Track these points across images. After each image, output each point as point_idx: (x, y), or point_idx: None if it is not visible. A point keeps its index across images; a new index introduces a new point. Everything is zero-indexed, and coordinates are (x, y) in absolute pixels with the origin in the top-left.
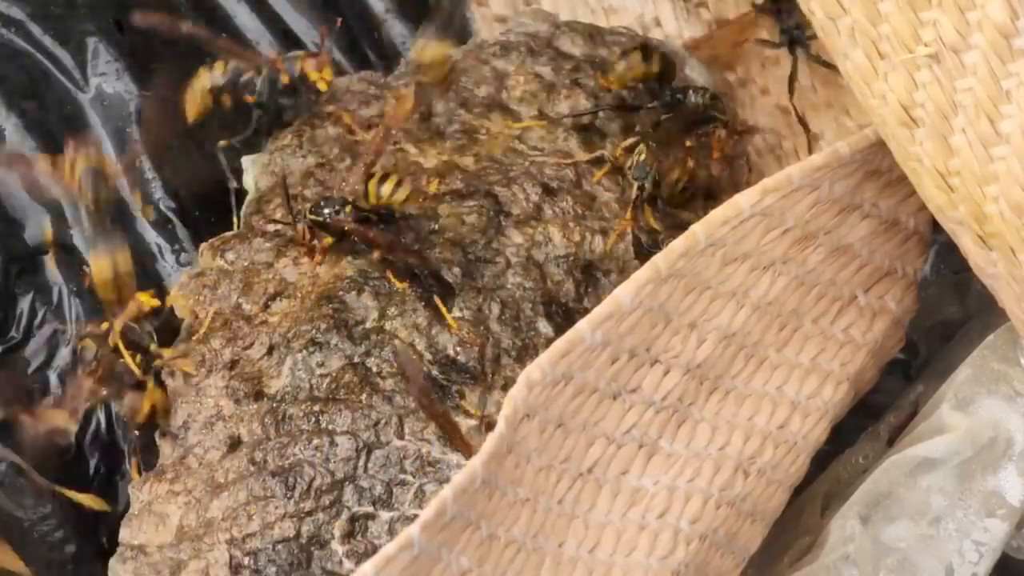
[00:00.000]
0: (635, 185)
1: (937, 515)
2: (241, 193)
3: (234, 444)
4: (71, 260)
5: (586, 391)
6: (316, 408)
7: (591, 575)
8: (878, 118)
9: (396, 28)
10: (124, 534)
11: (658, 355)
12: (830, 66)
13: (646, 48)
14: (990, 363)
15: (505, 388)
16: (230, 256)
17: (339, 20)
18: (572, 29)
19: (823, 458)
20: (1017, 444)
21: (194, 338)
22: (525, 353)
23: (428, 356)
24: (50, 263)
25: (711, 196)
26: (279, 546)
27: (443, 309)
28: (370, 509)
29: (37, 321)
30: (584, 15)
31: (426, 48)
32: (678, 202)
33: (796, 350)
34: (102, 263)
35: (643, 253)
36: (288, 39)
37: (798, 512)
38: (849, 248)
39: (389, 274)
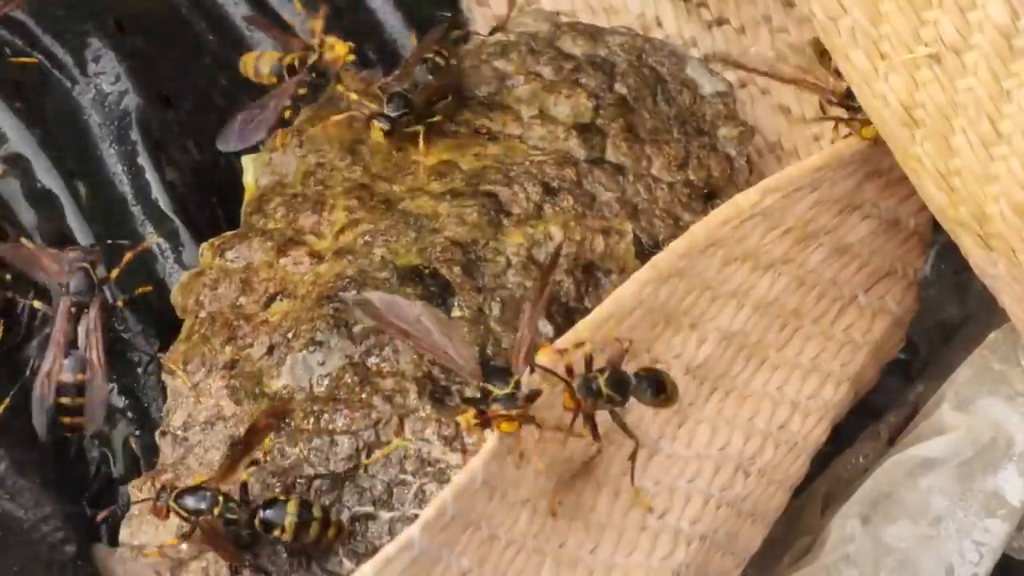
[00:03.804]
0: None
1: (937, 515)
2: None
3: (234, 444)
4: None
5: None
6: (316, 408)
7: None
8: (878, 118)
9: (396, 28)
10: (124, 534)
11: (658, 355)
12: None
13: None
14: (990, 363)
15: None
16: (230, 255)
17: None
18: (573, 29)
19: (823, 458)
20: (1017, 444)
21: (193, 338)
22: None
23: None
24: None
25: (711, 196)
26: (279, 546)
27: None
28: (370, 509)
29: (37, 321)
30: (585, 15)
31: None
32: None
33: (796, 350)
34: None
35: (643, 253)
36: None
37: (798, 512)
38: (849, 248)
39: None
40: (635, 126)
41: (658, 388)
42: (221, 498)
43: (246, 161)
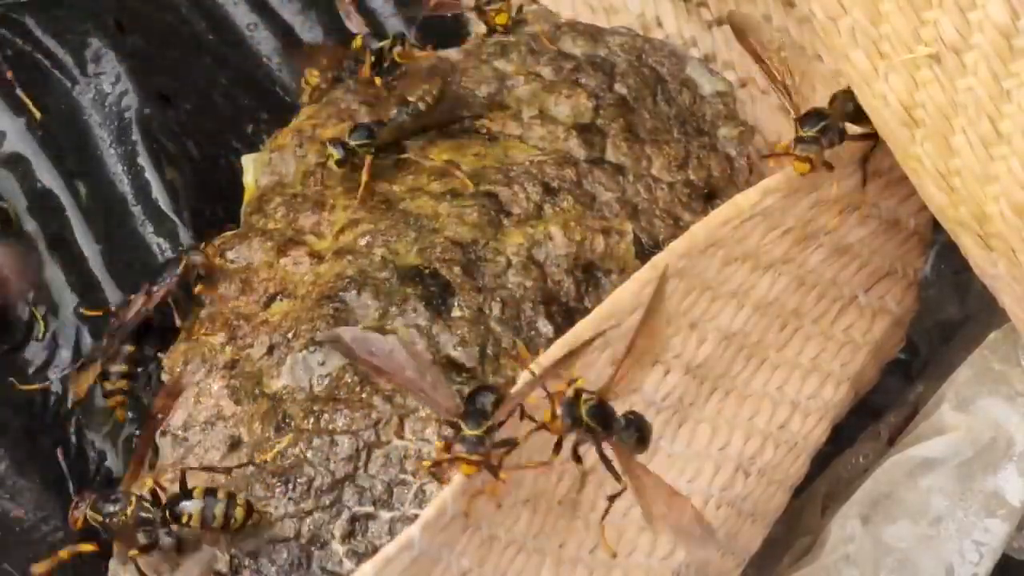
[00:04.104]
0: None
1: (937, 515)
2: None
3: (234, 444)
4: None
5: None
6: (316, 408)
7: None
8: (879, 118)
9: (397, 28)
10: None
11: (658, 355)
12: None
13: None
14: (990, 363)
15: None
16: (230, 255)
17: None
18: (573, 29)
19: (823, 458)
20: (1017, 444)
21: (194, 339)
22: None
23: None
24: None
25: (711, 196)
26: (279, 546)
27: None
28: (370, 509)
29: (37, 322)
30: (585, 15)
31: None
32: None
33: (796, 350)
34: None
35: (643, 253)
36: (287, 36)
37: (798, 512)
38: (849, 248)
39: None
40: (635, 126)
41: (641, 434)
42: (133, 499)
43: (246, 161)
